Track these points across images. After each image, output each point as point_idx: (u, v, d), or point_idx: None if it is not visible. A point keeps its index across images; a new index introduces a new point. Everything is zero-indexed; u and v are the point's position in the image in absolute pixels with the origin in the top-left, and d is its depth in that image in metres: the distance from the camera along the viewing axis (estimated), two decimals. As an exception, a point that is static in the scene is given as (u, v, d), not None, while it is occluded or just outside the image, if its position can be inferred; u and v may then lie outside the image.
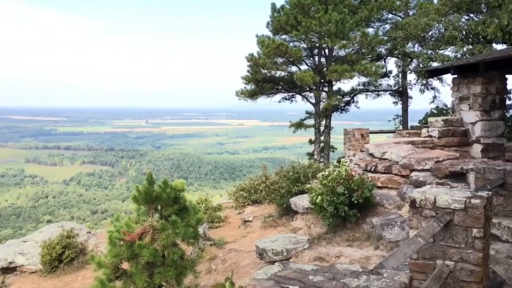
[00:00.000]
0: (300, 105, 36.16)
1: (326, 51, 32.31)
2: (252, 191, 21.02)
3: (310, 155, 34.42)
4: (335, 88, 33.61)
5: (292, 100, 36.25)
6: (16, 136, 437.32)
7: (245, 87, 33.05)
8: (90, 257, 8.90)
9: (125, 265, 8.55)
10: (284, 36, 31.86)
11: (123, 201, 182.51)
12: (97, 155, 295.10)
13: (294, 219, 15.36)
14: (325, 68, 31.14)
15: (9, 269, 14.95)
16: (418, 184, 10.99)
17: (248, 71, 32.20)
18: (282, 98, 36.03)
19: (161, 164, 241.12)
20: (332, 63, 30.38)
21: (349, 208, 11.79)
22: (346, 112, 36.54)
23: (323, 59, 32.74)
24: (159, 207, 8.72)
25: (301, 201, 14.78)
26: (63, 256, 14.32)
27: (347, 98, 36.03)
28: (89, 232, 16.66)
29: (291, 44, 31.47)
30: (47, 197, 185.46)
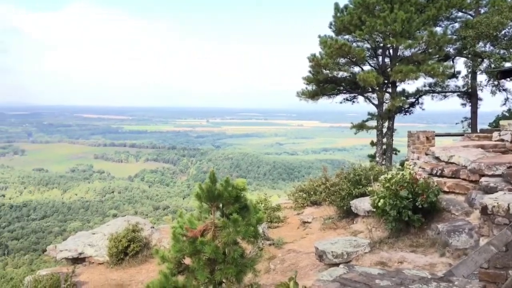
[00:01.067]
0: (362, 106, 35.47)
1: (391, 51, 31.45)
2: (312, 192, 20.88)
3: (372, 157, 33.68)
4: (399, 89, 32.65)
5: (354, 101, 35.61)
6: (86, 134, 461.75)
7: (306, 88, 32.86)
8: (154, 251, 9.21)
9: (187, 260, 8.77)
10: (347, 36, 31.37)
11: (183, 198, 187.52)
12: (160, 153, 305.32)
13: (354, 222, 15.11)
14: (389, 69, 30.32)
15: (79, 260, 15.77)
16: (489, 190, 10.47)
17: (310, 71, 31.98)
18: (344, 99, 35.46)
19: (221, 163, 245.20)
20: (397, 64, 29.53)
21: (413, 212, 11.43)
22: (410, 113, 35.43)
23: (387, 59, 31.90)
24: (221, 205, 8.87)
25: (362, 204, 14.50)
26: (128, 249, 14.90)
27: (411, 100, 34.87)
28: (153, 227, 17.23)
29: (354, 44, 30.92)
30: (113, 192, 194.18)
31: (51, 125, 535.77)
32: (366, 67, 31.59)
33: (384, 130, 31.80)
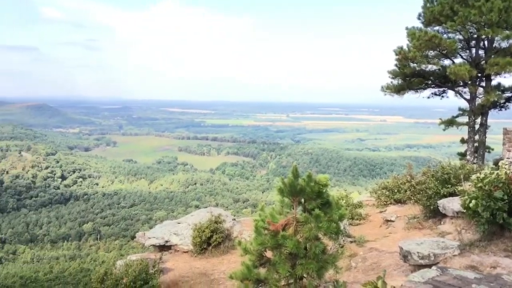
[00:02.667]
0: (451, 101, 33.50)
1: (485, 42, 29.35)
2: (396, 190, 20.17)
3: (462, 155, 31.75)
4: (494, 83, 30.38)
5: (442, 96, 33.71)
6: (171, 127, 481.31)
7: (391, 82, 31.63)
8: (237, 243, 9.39)
9: (269, 254, 8.86)
10: (437, 28, 29.72)
11: (263, 192, 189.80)
12: (240, 146, 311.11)
13: (442, 222, 14.38)
14: (484, 61, 28.34)
15: (165, 247, 16.51)
16: None
17: (396, 65, 30.72)
18: (432, 93, 33.66)
19: (300, 158, 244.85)
20: (492, 56, 27.52)
21: (508, 215, 10.62)
22: (506, 109, 32.81)
23: (481, 51, 29.84)
24: (303, 200, 8.82)
25: (450, 204, 13.75)
26: (211, 240, 15.36)
27: (508, 94, 32.34)
28: (234, 219, 17.60)
29: (444, 35, 29.24)
30: (195, 184, 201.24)
31: (140, 118, 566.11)
32: (458, 60, 29.72)
33: (476, 126, 29.82)
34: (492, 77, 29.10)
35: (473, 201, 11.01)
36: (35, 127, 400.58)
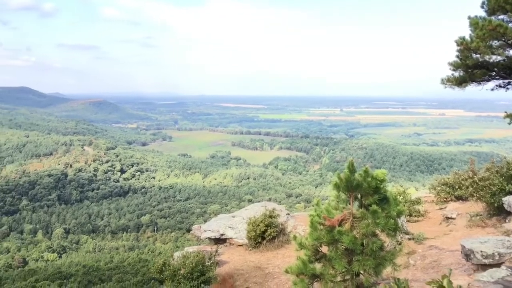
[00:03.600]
0: (517, 94, 31.82)
1: (555, 31, 27.62)
2: (457, 187, 19.40)
3: (528, 150, 30.10)
4: None
5: (508, 88, 32.02)
6: (225, 122, 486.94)
7: (452, 74, 30.42)
8: (292, 237, 9.37)
9: (324, 249, 8.79)
10: (502, 17, 28.24)
11: (316, 187, 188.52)
12: (293, 141, 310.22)
13: (507, 220, 13.70)
14: (553, 51, 26.65)
15: (220, 240, 16.78)
16: None
17: (457, 56, 29.48)
18: (496, 85, 32.06)
19: (354, 153, 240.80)
20: (562, 44, 25.84)
21: None
22: None
23: (551, 40, 28.08)
24: (359, 196, 8.67)
25: (517, 202, 13.07)
26: (265, 234, 15.43)
27: None
28: (288, 214, 17.59)
29: (510, 25, 27.78)
30: (248, 178, 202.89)
31: (194, 113, 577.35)
32: (525, 50, 28.15)
33: (544, 120, 28.15)
34: (563, 68, 27.33)
35: (543, 199, 10.44)
36: (96, 122, 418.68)
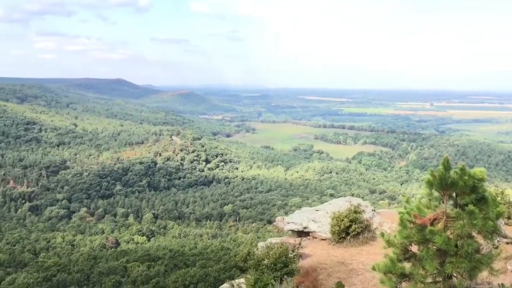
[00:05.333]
0: None
1: None
2: (562, 190, 17.76)
3: None
4: None
5: None
6: (308, 115, 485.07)
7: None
8: (380, 234, 9.14)
9: (414, 248, 8.47)
10: None
11: (401, 184, 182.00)
12: (378, 136, 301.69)
13: None
14: None
15: (303, 233, 16.78)
16: None
17: None
18: None
19: (444, 150, 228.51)
20: None
21: None
22: None
23: None
24: (454, 194, 8.26)
25: None
26: (350, 229, 15.18)
27: None
28: (374, 210, 17.17)
29: None
30: (331, 172, 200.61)
31: (278, 106, 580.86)
32: None
33: None
34: None
35: None
36: (184, 113, 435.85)
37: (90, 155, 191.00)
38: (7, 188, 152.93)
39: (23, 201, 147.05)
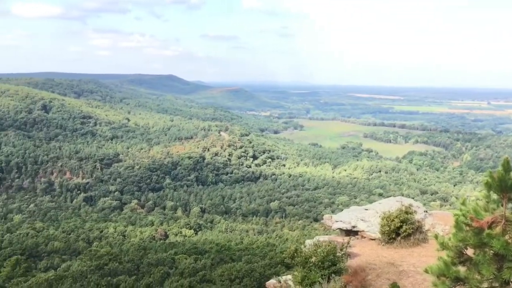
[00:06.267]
0: None
1: None
2: None
3: None
4: None
5: None
6: (357, 113, 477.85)
7: None
8: (434, 236, 8.85)
9: (469, 252, 8.17)
10: None
11: (454, 185, 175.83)
12: (430, 135, 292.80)
13: None
14: None
15: (352, 232, 16.53)
16: None
17: None
18: None
19: (502, 151, 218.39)
20: None
21: None
22: None
23: None
24: (515, 198, 7.90)
25: None
26: (400, 230, 14.79)
27: None
28: (426, 211, 16.67)
29: None
30: (380, 171, 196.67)
31: (326, 103, 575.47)
32: None
33: None
34: None
35: None
36: (232, 109, 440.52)
37: (142, 149, 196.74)
38: (64, 179, 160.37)
39: (78, 191, 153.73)
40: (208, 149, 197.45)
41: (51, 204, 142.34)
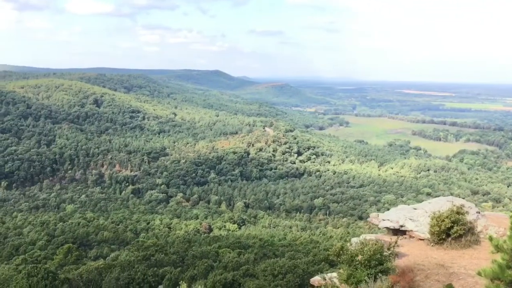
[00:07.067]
0: None
1: None
2: None
3: None
4: None
5: None
6: (406, 109, 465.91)
7: None
8: (488, 238, 8.49)
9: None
10: None
11: (508, 186, 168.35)
12: (483, 133, 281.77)
13: None
14: None
15: (399, 232, 16.11)
16: None
17: None
18: None
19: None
20: None
21: None
22: None
23: None
24: None
25: None
26: (451, 231, 14.27)
27: None
28: (478, 212, 16.00)
29: None
30: (428, 170, 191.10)
31: (373, 99, 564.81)
32: None
33: None
34: None
35: None
36: (277, 105, 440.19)
37: (187, 143, 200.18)
38: (113, 171, 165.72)
39: (127, 184, 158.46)
40: (253, 145, 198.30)
41: (101, 195, 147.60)
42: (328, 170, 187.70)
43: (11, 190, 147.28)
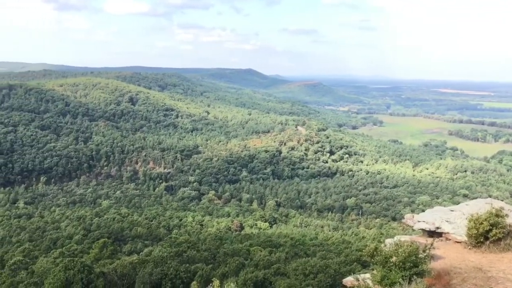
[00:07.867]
0: None
1: None
2: None
3: None
4: None
5: None
6: (442, 109, 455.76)
7: None
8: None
9: None
10: None
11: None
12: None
13: None
14: None
15: (435, 234, 15.70)
16: None
17: None
18: None
19: None
20: None
21: None
22: None
23: None
24: None
25: None
26: (489, 234, 13.82)
27: None
28: (519, 215, 15.44)
29: None
30: (465, 171, 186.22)
31: (408, 99, 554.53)
32: None
33: None
34: None
35: None
36: (310, 104, 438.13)
37: (220, 141, 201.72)
38: (147, 168, 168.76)
39: (160, 181, 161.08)
40: (285, 143, 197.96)
41: (136, 191, 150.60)
42: (361, 170, 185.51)
43: (49, 185, 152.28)
